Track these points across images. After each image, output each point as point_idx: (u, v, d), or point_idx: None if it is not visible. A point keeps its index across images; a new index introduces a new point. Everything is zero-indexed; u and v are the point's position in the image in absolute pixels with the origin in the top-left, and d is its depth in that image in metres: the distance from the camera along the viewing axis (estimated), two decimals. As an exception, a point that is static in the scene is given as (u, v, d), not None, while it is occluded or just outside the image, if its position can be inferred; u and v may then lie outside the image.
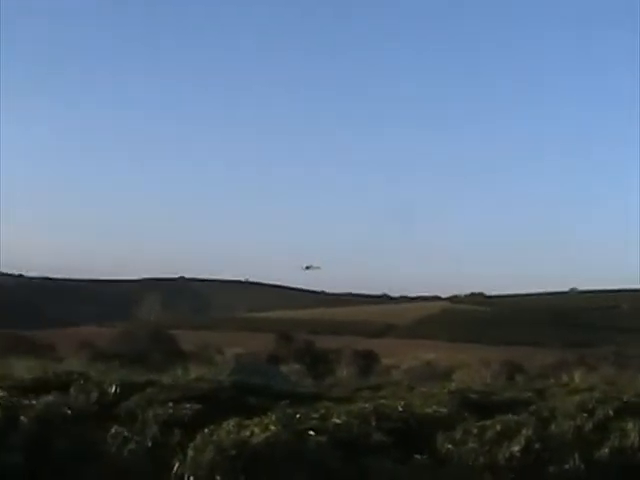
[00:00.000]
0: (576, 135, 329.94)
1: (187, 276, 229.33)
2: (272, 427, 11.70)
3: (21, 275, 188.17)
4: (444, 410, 16.44)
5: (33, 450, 9.81)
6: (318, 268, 69.29)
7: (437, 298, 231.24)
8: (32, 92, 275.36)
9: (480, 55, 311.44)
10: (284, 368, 66.59)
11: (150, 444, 12.72)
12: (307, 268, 66.47)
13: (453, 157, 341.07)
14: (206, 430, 12.42)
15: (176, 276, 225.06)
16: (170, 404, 15.49)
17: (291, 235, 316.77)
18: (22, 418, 10.06)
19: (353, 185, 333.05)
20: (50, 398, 12.38)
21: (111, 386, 21.57)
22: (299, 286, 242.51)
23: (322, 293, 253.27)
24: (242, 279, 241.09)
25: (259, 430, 11.55)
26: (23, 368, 54.32)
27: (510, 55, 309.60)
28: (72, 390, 21.51)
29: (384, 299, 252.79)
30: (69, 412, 11.01)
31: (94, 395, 20.48)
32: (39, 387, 24.60)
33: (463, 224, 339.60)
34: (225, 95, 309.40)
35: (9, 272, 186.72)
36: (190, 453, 11.98)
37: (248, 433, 11.48)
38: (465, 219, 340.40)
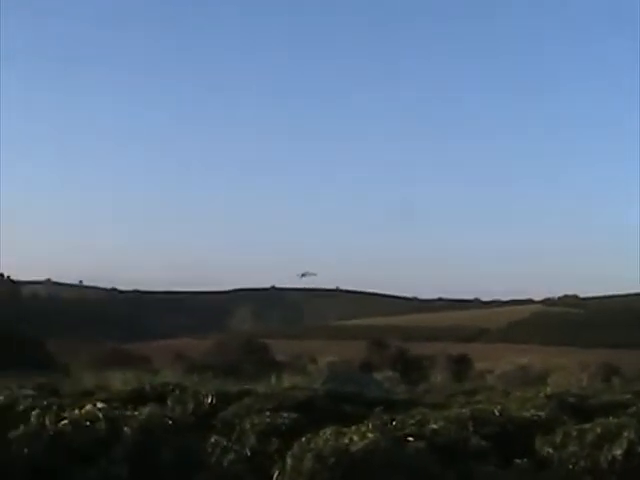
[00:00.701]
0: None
1: (278, 286, 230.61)
2: (370, 434, 11.66)
3: (115, 289, 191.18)
4: (542, 414, 16.23)
5: (137, 461, 9.92)
6: (314, 275, 68.62)
7: (530, 301, 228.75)
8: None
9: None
10: (377, 375, 66.43)
11: (249, 453, 12.77)
12: (303, 275, 66.05)
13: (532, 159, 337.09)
14: (303, 439, 12.43)
15: (268, 286, 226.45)
16: (267, 413, 15.54)
17: (381, 242, 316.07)
18: (125, 429, 10.19)
19: (440, 191, 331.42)
20: (152, 409, 12.49)
21: (207, 396, 21.79)
22: (391, 293, 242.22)
23: (414, 299, 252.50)
24: (333, 287, 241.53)
25: (357, 437, 11.52)
26: (119, 380, 55.26)
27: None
28: (169, 401, 21.77)
29: (476, 303, 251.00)
30: (171, 423, 11.09)
31: (190, 406, 20.70)
32: (136, 398, 24.98)
33: (554, 225, 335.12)
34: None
35: (103, 286, 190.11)
36: (289, 461, 12.01)
37: (346, 441, 11.46)
38: (557, 220, 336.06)
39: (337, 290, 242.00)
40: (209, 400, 21.41)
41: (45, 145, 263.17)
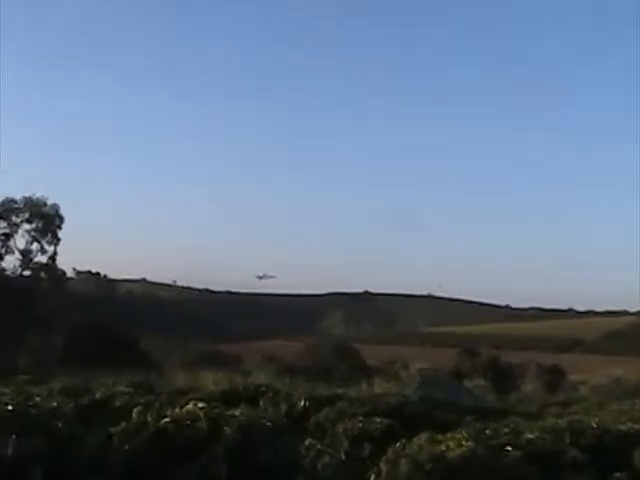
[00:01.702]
0: None
1: (372, 291, 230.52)
2: (465, 442, 11.59)
3: (207, 289, 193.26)
4: (639, 427, 15.95)
5: (236, 461, 10.02)
6: (272, 277, 68.14)
7: (625, 313, 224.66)
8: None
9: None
10: (468, 383, 65.97)
11: (344, 457, 12.80)
12: (260, 278, 65.56)
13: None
14: (397, 444, 12.41)
15: (361, 291, 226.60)
16: (360, 418, 15.54)
17: (477, 249, 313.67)
18: (225, 429, 10.30)
19: (537, 197, 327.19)
20: (251, 410, 12.61)
21: (300, 399, 21.90)
22: (483, 300, 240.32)
23: (506, 307, 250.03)
24: (426, 293, 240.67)
25: (454, 445, 11.46)
26: (211, 380, 55.76)
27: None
28: (262, 403, 21.94)
29: (571, 313, 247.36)
30: (269, 424, 11.18)
31: (283, 408, 20.83)
32: (229, 399, 25.24)
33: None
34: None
35: (196, 287, 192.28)
36: (383, 467, 12.01)
37: (443, 448, 11.41)
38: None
39: (429, 296, 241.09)
40: (302, 403, 21.53)
41: (144, 148, 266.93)
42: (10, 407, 9.73)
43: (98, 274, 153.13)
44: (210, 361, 73.89)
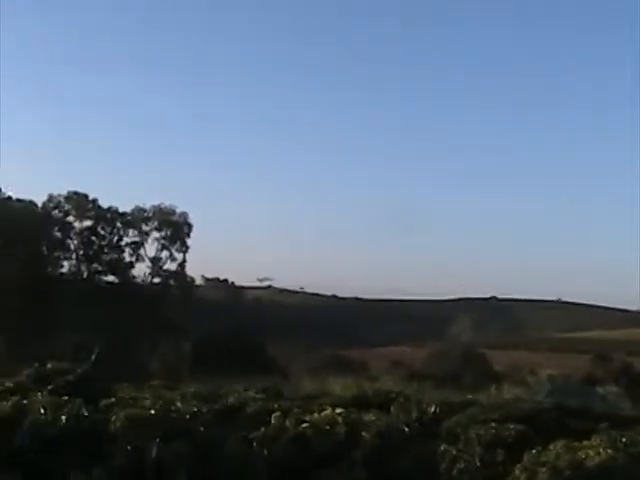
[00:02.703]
0: None
1: (499, 296, 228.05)
2: (604, 450, 11.40)
3: (334, 296, 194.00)
4: None
5: (375, 466, 10.08)
6: (272, 280, 66.58)
7: None
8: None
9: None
10: (600, 390, 64.64)
11: (479, 464, 12.73)
12: (260, 281, 64.66)
13: None
14: (533, 451, 12.30)
15: (488, 296, 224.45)
16: (492, 424, 15.41)
17: (608, 252, 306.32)
18: (364, 434, 10.37)
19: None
20: (384, 415, 12.67)
21: (431, 405, 21.82)
22: (613, 305, 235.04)
23: (638, 312, 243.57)
24: (554, 298, 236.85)
25: (592, 453, 11.29)
26: (339, 386, 55.97)
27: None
28: (392, 409, 21.92)
29: None
30: (407, 430, 11.21)
31: (414, 414, 20.77)
32: (359, 404, 25.31)
33: None
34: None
35: (323, 293, 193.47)
36: (519, 473, 11.93)
37: (582, 455, 11.25)
38: None
39: (559, 302, 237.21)
40: (432, 409, 21.45)
41: (267, 155, 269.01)
42: (152, 411, 9.98)
43: (226, 281, 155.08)
44: (336, 367, 74.15)
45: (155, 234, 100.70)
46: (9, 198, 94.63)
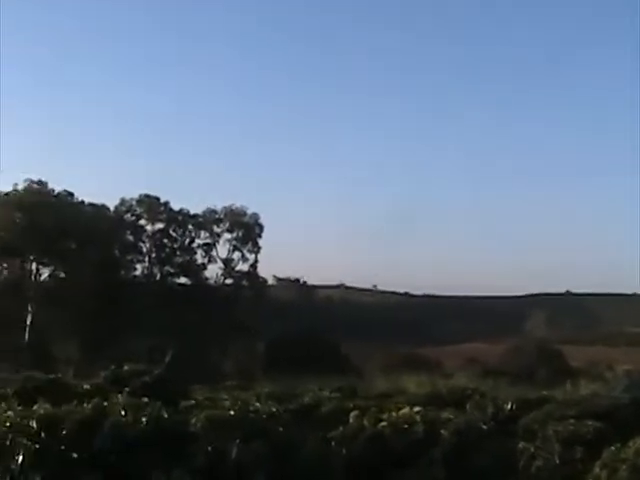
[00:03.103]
0: None
1: (574, 291, 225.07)
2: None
3: (407, 293, 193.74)
4: None
5: (453, 464, 10.07)
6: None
7: None
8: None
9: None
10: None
11: (558, 461, 12.62)
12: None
13: None
14: (612, 448, 12.17)
15: (562, 291, 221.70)
16: (570, 421, 15.24)
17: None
18: (442, 432, 10.36)
19: None
20: (460, 413, 12.64)
21: (507, 402, 21.71)
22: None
23: None
24: (631, 292, 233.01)
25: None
26: (413, 383, 55.91)
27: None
28: (468, 406, 21.85)
29: None
30: (484, 427, 11.17)
31: (490, 411, 20.68)
32: (434, 402, 25.25)
33: None
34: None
35: (396, 291, 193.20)
36: (599, 471, 11.80)
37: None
38: None
39: (635, 295, 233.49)
40: (509, 406, 21.34)
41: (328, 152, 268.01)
42: (232, 412, 10.08)
43: (297, 280, 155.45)
44: (410, 365, 74.04)
45: (227, 235, 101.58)
46: (82, 202, 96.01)
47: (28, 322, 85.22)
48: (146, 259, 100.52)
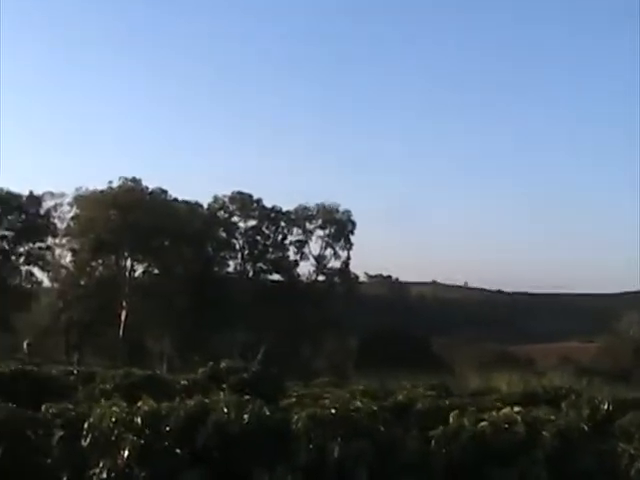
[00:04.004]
0: None
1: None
2: None
3: (500, 290, 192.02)
4: None
5: (555, 466, 10.04)
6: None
7: None
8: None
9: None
10: None
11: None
12: None
13: None
14: None
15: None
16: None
17: None
18: (544, 433, 10.32)
19: None
20: (554, 412, 12.55)
21: (603, 403, 21.41)
22: None
23: None
24: None
25: None
26: (505, 382, 55.47)
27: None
28: (563, 405, 21.61)
29: None
30: (586, 428, 11.08)
31: (586, 411, 20.43)
32: (528, 401, 25.04)
33: None
34: None
35: (488, 288, 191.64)
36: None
37: None
38: None
39: None
40: (605, 406, 21.06)
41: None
42: (333, 411, 10.18)
43: (390, 277, 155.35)
44: (501, 363, 73.62)
45: (319, 232, 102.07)
46: (175, 200, 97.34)
47: (123, 318, 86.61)
48: (239, 256, 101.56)
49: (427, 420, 15.29)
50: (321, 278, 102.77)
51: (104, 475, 9.84)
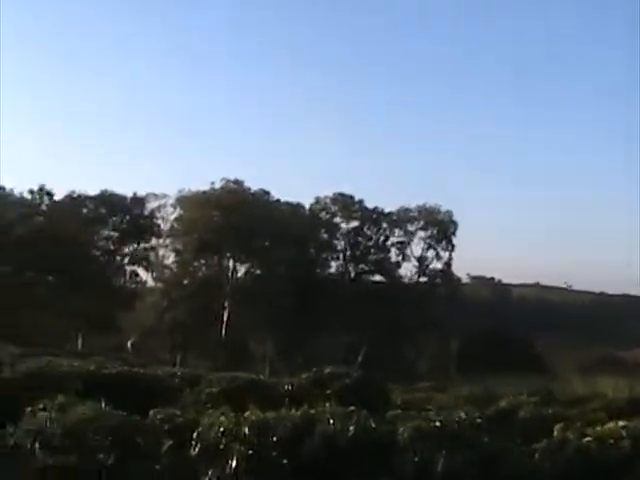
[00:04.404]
0: None
1: None
2: None
3: (603, 293, 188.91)
4: None
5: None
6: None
7: None
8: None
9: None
10: None
11: None
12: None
13: None
14: None
15: None
16: None
17: None
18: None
19: None
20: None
21: None
22: None
23: None
24: None
25: None
26: (611, 387, 54.53)
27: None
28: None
29: None
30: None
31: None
32: (632, 408, 24.74)
33: None
34: None
35: (592, 290, 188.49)
36: None
37: None
38: None
39: None
40: None
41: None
42: (438, 423, 10.25)
43: (492, 279, 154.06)
44: (607, 367, 72.34)
45: (421, 233, 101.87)
46: (277, 201, 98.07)
47: (225, 319, 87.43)
48: (340, 257, 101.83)
49: (530, 429, 15.27)
50: (423, 279, 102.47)
51: (213, 484, 10.06)
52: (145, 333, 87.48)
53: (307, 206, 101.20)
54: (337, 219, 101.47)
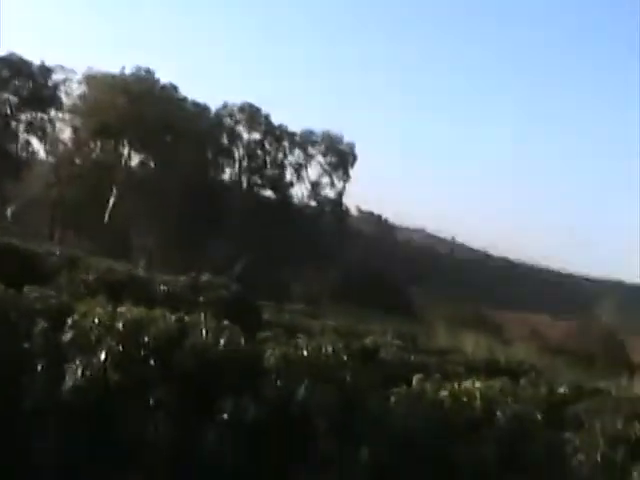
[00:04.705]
0: None
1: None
2: None
3: (486, 253, 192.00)
4: None
5: (505, 449, 10.31)
6: None
7: None
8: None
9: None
10: None
11: (599, 459, 12.78)
12: None
13: None
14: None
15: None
16: (619, 419, 15.20)
17: None
18: (498, 414, 10.57)
19: None
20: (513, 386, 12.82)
21: (561, 386, 21.83)
22: None
23: None
24: None
25: None
26: (472, 344, 56.08)
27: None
28: (522, 381, 22.05)
29: None
30: (539, 419, 11.36)
31: (543, 391, 20.81)
32: (490, 370, 25.56)
33: None
34: None
35: (476, 247, 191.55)
36: (636, 476, 12.03)
37: None
38: None
39: None
40: (562, 390, 21.43)
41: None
42: (305, 353, 10.50)
43: (380, 217, 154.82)
44: (472, 323, 74.27)
45: (319, 159, 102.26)
46: (185, 99, 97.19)
47: (110, 204, 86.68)
48: (236, 165, 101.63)
49: (390, 372, 15.74)
50: (313, 204, 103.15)
51: (79, 372, 10.19)
52: (28, 204, 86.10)
53: (213, 109, 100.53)
54: (240, 127, 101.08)
